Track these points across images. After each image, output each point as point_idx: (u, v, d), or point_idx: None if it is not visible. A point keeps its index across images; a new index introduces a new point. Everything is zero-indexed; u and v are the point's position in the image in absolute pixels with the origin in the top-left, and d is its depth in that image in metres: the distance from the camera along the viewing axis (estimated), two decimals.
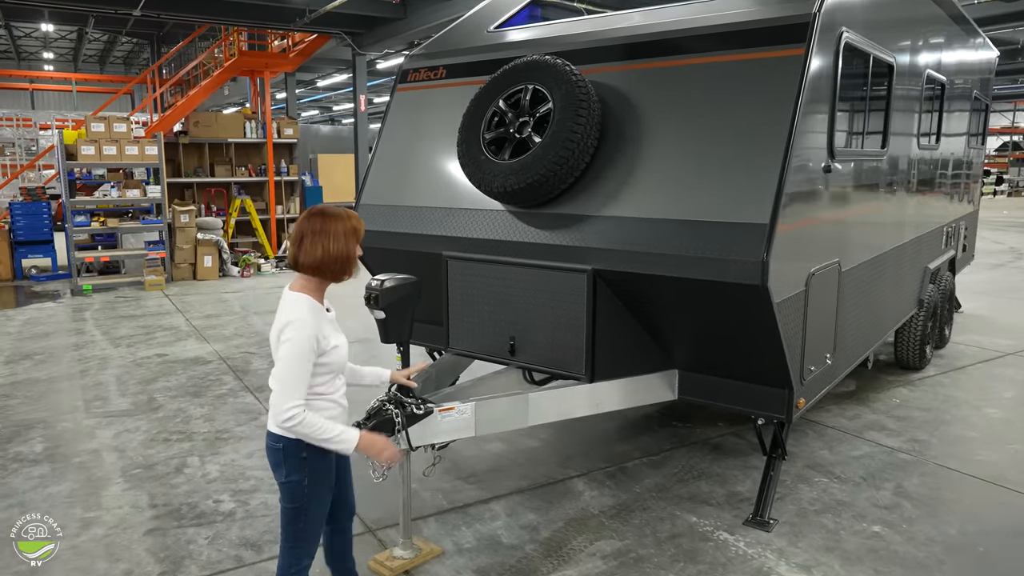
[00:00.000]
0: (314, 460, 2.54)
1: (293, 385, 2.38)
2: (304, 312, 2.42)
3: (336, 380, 2.62)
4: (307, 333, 2.39)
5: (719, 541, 3.68)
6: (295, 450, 2.49)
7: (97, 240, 12.28)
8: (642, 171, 3.61)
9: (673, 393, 3.97)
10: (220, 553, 3.56)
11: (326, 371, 2.53)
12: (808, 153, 3.48)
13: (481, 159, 3.88)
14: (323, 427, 2.41)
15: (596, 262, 3.60)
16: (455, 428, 3.40)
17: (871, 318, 4.81)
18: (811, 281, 3.61)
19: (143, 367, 6.75)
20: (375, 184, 4.75)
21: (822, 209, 3.74)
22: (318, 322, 2.44)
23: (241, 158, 13.75)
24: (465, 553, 3.57)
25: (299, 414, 2.36)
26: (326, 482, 2.62)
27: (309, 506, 2.58)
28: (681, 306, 3.55)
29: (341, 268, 2.51)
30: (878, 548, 3.61)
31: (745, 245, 3.17)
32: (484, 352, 4.16)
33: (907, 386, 6.05)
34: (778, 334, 3.32)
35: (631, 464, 4.59)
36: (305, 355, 2.39)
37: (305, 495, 2.56)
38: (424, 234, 4.31)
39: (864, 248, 4.45)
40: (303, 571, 2.66)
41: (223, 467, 4.55)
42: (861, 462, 4.59)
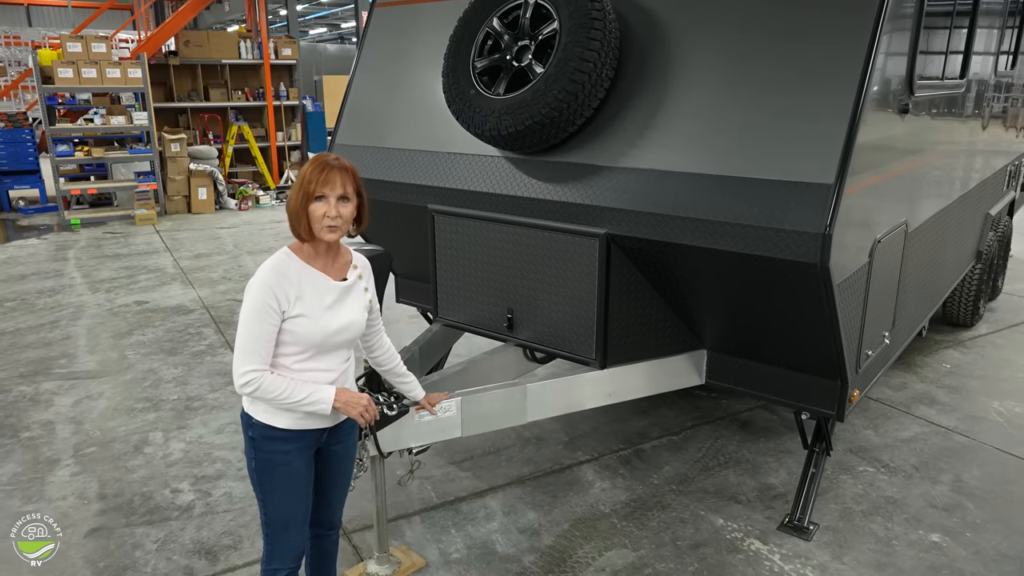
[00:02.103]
0: (263, 444, 2.17)
1: (250, 348, 2.07)
2: (264, 269, 2.11)
3: (318, 359, 2.18)
4: (257, 290, 2.08)
5: (750, 553, 3.13)
6: (245, 427, 2.21)
7: (87, 170, 11.64)
8: (669, 111, 2.89)
9: (700, 377, 3.35)
10: (168, 563, 3.07)
11: (292, 342, 2.11)
12: (886, 87, 2.73)
13: (471, 94, 3.16)
14: (289, 390, 2.09)
15: (610, 225, 2.93)
16: (437, 430, 2.82)
17: (931, 281, 4.12)
18: (876, 251, 2.93)
19: (119, 317, 6.23)
20: (352, 121, 4.04)
21: (894, 159, 3.00)
22: (280, 281, 2.09)
23: (238, 81, 12.88)
24: (452, 566, 3.06)
25: (256, 379, 2.06)
26: (280, 476, 2.20)
27: (263, 499, 2.23)
28: (715, 282, 2.89)
29: (292, 225, 2.14)
30: (939, 566, 3.05)
31: (802, 211, 2.48)
32: (477, 325, 3.55)
33: (958, 347, 5.40)
34: (836, 321, 2.66)
35: (648, 446, 4.03)
36: (259, 315, 2.06)
37: (256, 485, 2.24)
38: (406, 183, 3.63)
39: (932, 201, 3.72)
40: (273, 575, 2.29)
41: (188, 445, 4.05)
42: (912, 447, 4.00)
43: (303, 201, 2.09)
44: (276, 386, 2.07)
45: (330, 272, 2.20)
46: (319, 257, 2.18)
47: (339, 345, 2.21)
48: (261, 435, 2.18)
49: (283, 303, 2.08)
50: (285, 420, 2.16)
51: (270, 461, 2.20)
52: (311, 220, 2.10)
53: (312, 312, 2.12)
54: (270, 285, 2.07)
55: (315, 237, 2.12)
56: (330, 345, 2.18)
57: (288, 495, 2.23)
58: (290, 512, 2.26)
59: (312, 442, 2.24)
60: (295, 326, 2.11)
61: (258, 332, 2.07)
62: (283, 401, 2.09)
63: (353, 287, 2.25)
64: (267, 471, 2.20)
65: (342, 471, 2.42)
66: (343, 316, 2.20)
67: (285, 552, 2.29)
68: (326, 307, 2.16)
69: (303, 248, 2.17)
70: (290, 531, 2.27)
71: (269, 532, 2.28)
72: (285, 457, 2.19)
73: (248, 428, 2.20)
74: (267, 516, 2.26)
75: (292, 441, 2.19)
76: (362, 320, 2.27)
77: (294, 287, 2.10)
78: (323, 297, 2.16)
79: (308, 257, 2.17)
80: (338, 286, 2.20)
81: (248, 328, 2.07)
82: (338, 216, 2.11)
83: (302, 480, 2.25)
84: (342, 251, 2.28)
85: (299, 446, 2.20)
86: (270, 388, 2.07)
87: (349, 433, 2.39)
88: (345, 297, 2.21)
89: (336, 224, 2.11)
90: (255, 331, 2.07)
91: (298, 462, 2.22)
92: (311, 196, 2.08)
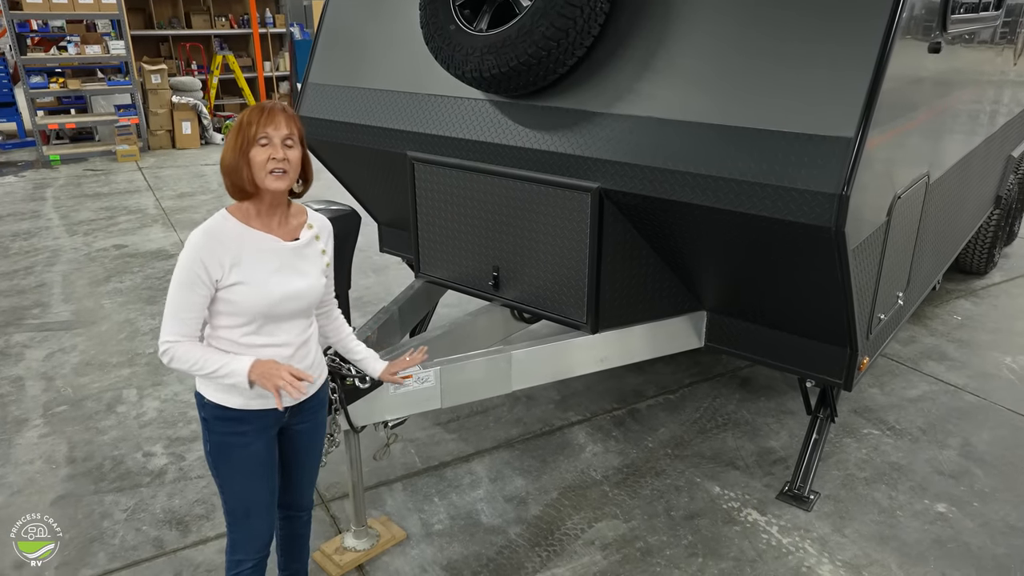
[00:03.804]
0: (217, 426, 1.99)
1: (171, 316, 1.88)
2: (196, 234, 1.88)
3: (268, 331, 1.95)
4: (186, 258, 1.85)
5: (747, 525, 2.99)
6: (199, 407, 2.02)
7: (66, 103, 11.17)
8: (671, 51, 2.57)
9: (699, 340, 3.14)
10: (138, 535, 2.93)
11: (233, 312, 1.90)
12: (917, 23, 2.41)
13: (450, 29, 2.83)
14: (201, 360, 1.87)
15: (603, 179, 2.66)
16: (414, 401, 2.63)
17: (949, 233, 3.86)
18: (895, 208, 2.66)
19: (96, 262, 5.99)
20: (325, 57, 3.70)
21: (921, 105, 2.70)
22: (212, 247, 1.86)
23: (221, 7, 12.22)
24: (434, 538, 2.91)
25: (170, 349, 1.87)
26: (237, 460, 2.02)
27: (221, 485, 2.06)
28: (717, 242, 2.64)
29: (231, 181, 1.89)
30: (944, 539, 2.90)
31: (816, 168, 2.21)
32: (461, 282, 3.31)
33: (970, 298, 5.18)
34: (848, 287, 2.43)
35: (643, 406, 3.85)
36: (186, 284, 1.85)
37: (213, 470, 2.06)
38: (383, 127, 3.33)
39: (956, 148, 3.42)
40: (237, 566, 2.12)
41: (163, 404, 3.88)
42: (919, 407, 3.82)
43: (243, 147, 1.83)
44: (189, 355, 1.86)
45: (278, 232, 1.94)
46: (262, 216, 1.92)
47: (291, 314, 1.96)
48: (214, 416, 1.98)
49: (215, 271, 1.84)
50: (237, 399, 1.95)
51: (225, 444, 2.00)
52: (253, 168, 1.84)
53: (253, 279, 1.88)
54: (199, 253, 1.84)
55: (259, 188, 1.86)
56: (278, 315, 1.94)
57: (248, 480, 2.05)
58: (251, 499, 2.07)
59: (271, 422, 2.04)
60: (232, 295, 1.88)
61: (182, 301, 1.86)
62: (198, 372, 1.89)
63: (307, 248, 2.00)
64: (223, 455, 2.01)
65: (310, 451, 2.23)
66: (293, 283, 1.95)
67: (249, 541, 2.11)
68: (271, 272, 1.91)
69: (242, 208, 1.91)
70: (252, 520, 2.10)
71: (231, 521, 2.10)
72: (242, 439, 1.99)
73: (201, 408, 2.00)
74: (227, 504, 2.08)
75: (247, 422, 1.98)
76: (319, 286, 2.02)
77: (230, 253, 1.85)
78: (267, 261, 1.91)
79: (248, 217, 1.91)
80: (286, 248, 1.95)
81: (173, 296, 1.86)
82: (285, 159, 1.85)
83: (263, 464, 2.06)
84: (294, 209, 2.01)
85: (256, 427, 2.00)
86: (183, 358, 1.86)
87: (316, 411, 2.18)
88: (296, 260, 1.97)
89: (283, 168, 1.85)
90: (179, 300, 1.86)
91: (256, 444, 2.02)
92: (252, 140, 1.83)
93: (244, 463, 2.02)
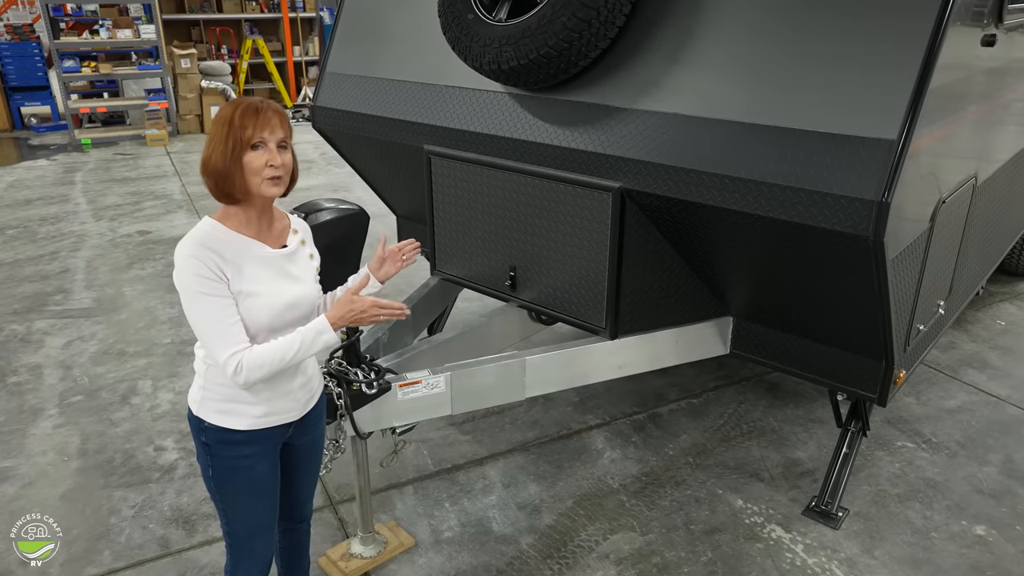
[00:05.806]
0: (220, 450, 1.87)
1: (211, 338, 1.72)
2: (187, 246, 1.73)
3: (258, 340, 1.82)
4: (191, 272, 1.71)
5: (770, 542, 2.85)
6: (196, 432, 1.90)
7: (98, 87, 11.25)
8: (700, 44, 2.42)
9: (724, 347, 2.99)
10: (144, 533, 2.89)
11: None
12: (969, 15, 2.22)
13: (468, 19, 2.70)
14: (275, 354, 1.75)
15: (626, 178, 2.52)
16: (423, 407, 2.53)
17: (995, 235, 3.65)
18: (939, 213, 2.48)
19: (120, 248, 6.00)
20: (344, 45, 3.60)
21: (971, 103, 2.51)
22: (208, 257, 1.72)
23: None
24: (443, 546, 2.83)
25: (238, 366, 1.72)
26: (242, 483, 1.91)
27: (224, 508, 1.94)
28: (746, 249, 2.49)
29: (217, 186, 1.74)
30: (983, 565, 2.74)
31: (855, 172, 2.05)
32: (477, 281, 3.20)
33: (1014, 301, 4.93)
34: (886, 298, 2.26)
35: (665, 410, 3.72)
36: (206, 292, 1.71)
37: (214, 494, 1.93)
38: (399, 119, 3.22)
39: (1006, 145, 3.21)
40: None
41: (177, 396, 3.84)
42: (958, 418, 3.63)
43: (235, 152, 1.70)
44: (260, 359, 1.73)
45: (267, 240, 1.83)
46: (251, 223, 1.80)
47: (291, 323, 1.85)
48: (217, 440, 1.85)
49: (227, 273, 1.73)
50: (244, 421, 1.84)
51: (230, 468, 1.89)
52: (247, 174, 1.71)
53: (255, 289, 1.77)
54: (204, 261, 1.70)
55: (252, 195, 1.74)
56: (281, 324, 1.83)
57: (252, 502, 1.95)
58: (255, 521, 1.98)
59: (277, 441, 1.94)
60: (242, 305, 1.76)
61: (210, 314, 1.71)
62: (281, 364, 1.75)
63: (296, 254, 1.90)
64: (227, 479, 1.90)
65: (311, 464, 2.14)
66: (293, 289, 1.85)
67: (251, 562, 2.03)
68: (270, 280, 1.81)
69: (229, 214, 1.79)
70: (255, 541, 2.01)
71: (233, 543, 2.01)
72: (247, 462, 1.89)
73: (200, 433, 1.87)
74: (229, 526, 1.98)
75: (254, 443, 1.88)
76: (314, 291, 1.92)
77: (229, 263, 1.73)
78: (265, 270, 1.80)
79: (238, 225, 1.79)
80: (279, 255, 1.84)
81: (198, 317, 1.72)
82: (282, 164, 1.75)
83: (267, 485, 1.96)
84: (277, 214, 1.90)
85: (262, 448, 1.90)
86: (255, 365, 1.72)
87: (316, 423, 2.09)
88: (289, 267, 1.86)
89: (280, 175, 1.75)
90: (207, 314, 1.71)
91: (261, 465, 1.91)
92: (246, 144, 1.70)
93: (249, 486, 1.92)
